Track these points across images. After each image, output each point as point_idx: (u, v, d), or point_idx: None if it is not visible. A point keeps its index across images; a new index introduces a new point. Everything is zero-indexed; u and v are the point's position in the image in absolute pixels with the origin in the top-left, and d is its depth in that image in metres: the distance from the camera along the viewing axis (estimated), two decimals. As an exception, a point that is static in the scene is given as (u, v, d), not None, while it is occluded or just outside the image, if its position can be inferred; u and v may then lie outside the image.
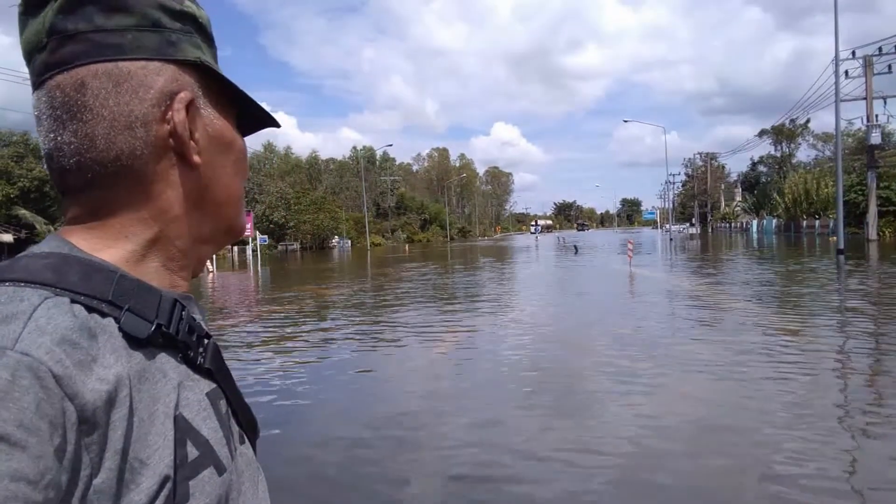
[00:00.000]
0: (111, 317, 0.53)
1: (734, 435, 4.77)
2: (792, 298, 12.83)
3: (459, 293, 16.89)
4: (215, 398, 0.61)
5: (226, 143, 0.65)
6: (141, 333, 0.53)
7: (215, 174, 0.64)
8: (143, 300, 0.56)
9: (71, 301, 0.51)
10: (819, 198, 55.29)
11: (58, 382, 0.45)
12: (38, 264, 0.53)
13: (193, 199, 0.63)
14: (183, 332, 0.58)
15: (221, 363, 0.64)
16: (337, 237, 68.09)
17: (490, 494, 3.95)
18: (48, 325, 0.47)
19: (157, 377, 0.54)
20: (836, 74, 26.88)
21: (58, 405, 0.44)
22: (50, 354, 0.45)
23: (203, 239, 0.66)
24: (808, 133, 76.37)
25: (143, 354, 0.54)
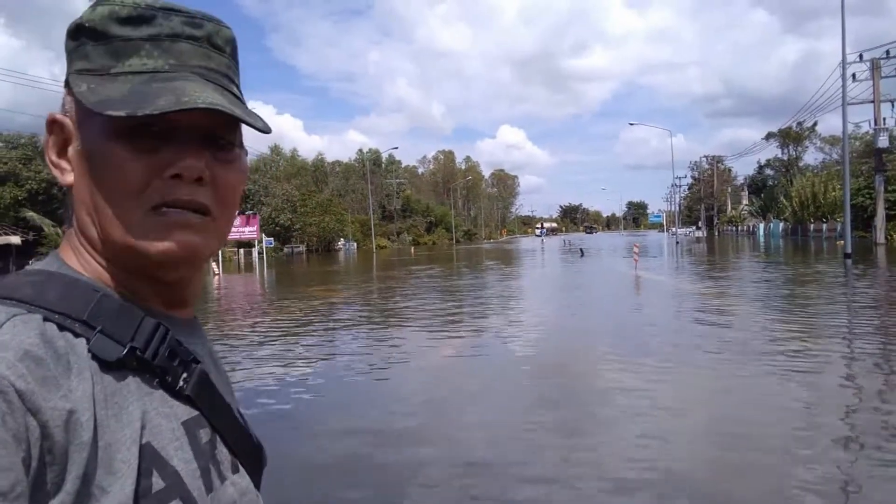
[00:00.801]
0: (84, 337, 0.52)
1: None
2: (800, 303, 12.77)
3: (472, 298, 16.88)
4: (194, 426, 0.59)
5: (98, 158, 0.59)
6: (110, 356, 0.53)
7: (89, 191, 0.59)
8: (120, 322, 0.55)
9: (44, 319, 0.51)
10: (826, 201, 55.01)
11: (20, 397, 0.44)
12: (21, 281, 0.55)
13: (84, 217, 0.61)
14: (161, 357, 0.57)
15: (209, 389, 0.62)
16: (343, 240, 68.15)
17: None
18: (11, 341, 0.47)
19: (127, 402, 0.53)
20: (843, 77, 26.79)
21: (21, 419, 0.44)
22: (12, 369, 0.45)
23: (123, 262, 0.60)
24: (815, 136, 76.04)
25: (114, 377, 0.53)
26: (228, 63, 0.63)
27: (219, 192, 0.61)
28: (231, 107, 0.56)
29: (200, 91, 0.56)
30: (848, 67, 27.73)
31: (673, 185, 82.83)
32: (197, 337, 0.68)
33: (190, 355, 0.61)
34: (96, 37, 0.59)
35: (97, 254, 0.60)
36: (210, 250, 0.62)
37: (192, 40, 0.60)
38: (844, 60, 26.71)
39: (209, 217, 0.60)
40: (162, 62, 0.58)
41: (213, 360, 0.71)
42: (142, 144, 0.57)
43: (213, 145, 0.60)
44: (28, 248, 40.98)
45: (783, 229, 63.78)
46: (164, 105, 0.53)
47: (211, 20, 0.62)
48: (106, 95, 0.55)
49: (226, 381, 0.72)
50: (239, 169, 0.63)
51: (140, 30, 0.58)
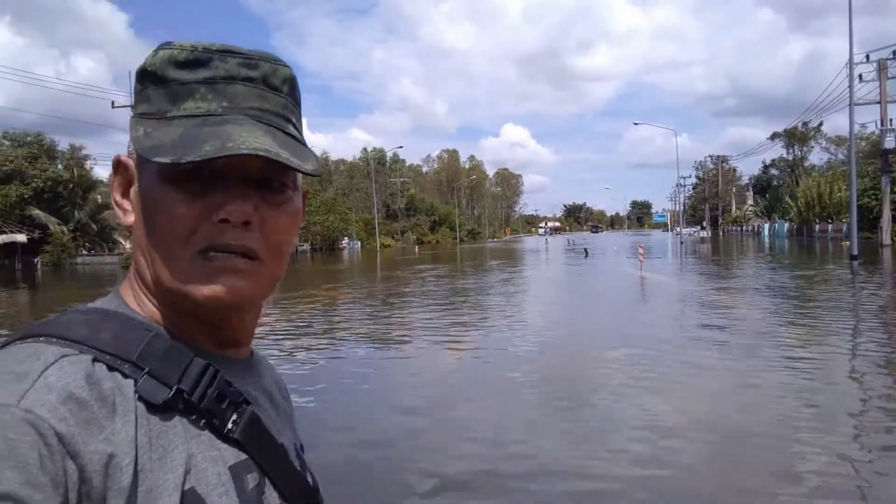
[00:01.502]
0: (132, 378, 0.53)
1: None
2: (807, 306, 12.72)
3: (477, 297, 16.87)
4: (241, 471, 0.58)
5: (152, 202, 0.60)
6: (156, 399, 0.53)
7: (145, 233, 0.61)
8: (168, 363, 0.55)
9: (94, 359, 0.52)
10: (832, 202, 54.83)
11: (60, 440, 0.45)
12: (77, 320, 0.56)
13: (140, 258, 0.62)
14: (209, 399, 0.57)
15: (259, 432, 0.61)
16: (347, 238, 68.21)
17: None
18: (57, 382, 0.48)
19: (173, 445, 0.53)
20: (850, 77, 26.66)
21: (59, 463, 0.44)
22: (53, 412, 0.46)
23: (172, 303, 0.61)
24: (821, 136, 75.81)
25: (160, 419, 0.53)
26: (285, 102, 0.63)
27: (268, 235, 0.60)
28: (278, 150, 0.56)
29: (248, 135, 0.56)
30: (855, 68, 27.61)
31: (677, 185, 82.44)
32: (252, 376, 0.67)
33: (240, 396, 0.61)
34: (156, 81, 0.60)
35: (151, 294, 0.61)
36: (259, 295, 0.62)
37: (247, 81, 0.60)
38: (852, 61, 26.59)
39: (257, 261, 0.59)
40: (215, 105, 0.59)
41: (269, 398, 0.70)
42: (191, 188, 0.57)
43: (264, 187, 0.60)
44: (34, 246, 41.17)
45: (788, 230, 63.59)
46: (208, 151, 0.53)
47: (268, 60, 0.62)
48: (159, 140, 0.56)
49: (286, 417, 0.72)
50: (290, 211, 0.63)
51: (196, 73, 0.59)
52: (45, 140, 44.82)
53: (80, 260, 44.15)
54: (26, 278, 32.54)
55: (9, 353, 0.52)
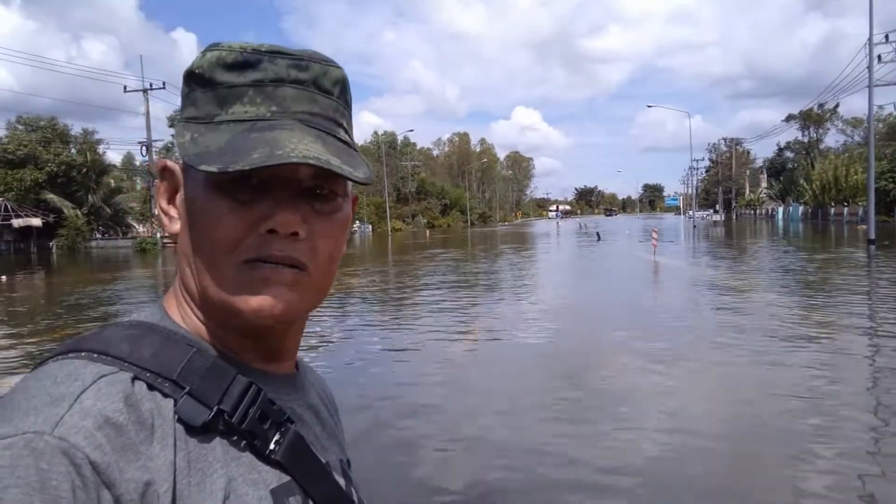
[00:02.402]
0: (172, 398, 0.51)
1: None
2: (823, 291, 12.61)
3: (493, 282, 16.85)
4: (284, 494, 0.56)
5: (198, 210, 0.58)
6: (196, 420, 0.51)
7: (192, 242, 0.59)
8: (209, 382, 0.54)
9: (134, 378, 0.50)
10: (848, 185, 54.18)
11: (95, 469, 0.44)
12: (119, 335, 0.54)
13: (184, 267, 0.61)
14: (251, 420, 0.55)
15: (302, 452, 0.59)
16: (358, 222, 68.29)
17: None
18: (94, 406, 0.46)
19: (212, 468, 0.51)
20: (869, 58, 26.22)
21: (94, 494, 0.43)
22: (89, 440, 0.44)
23: (216, 314, 0.59)
24: (837, 118, 74.73)
25: (199, 441, 0.51)
26: (335, 105, 0.61)
27: (317, 246, 0.58)
28: (329, 157, 0.53)
29: (298, 142, 0.53)
30: (874, 48, 27.10)
31: (690, 168, 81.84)
32: (296, 393, 0.65)
33: (283, 415, 0.59)
34: (204, 83, 0.58)
35: (195, 306, 0.60)
36: (306, 307, 0.60)
37: (296, 84, 0.58)
38: (871, 41, 26.11)
39: (305, 273, 0.57)
40: (264, 109, 0.56)
41: (315, 414, 0.68)
42: (239, 197, 0.55)
43: (313, 195, 0.58)
44: (49, 230, 41.55)
45: (803, 213, 62.98)
46: (256, 160, 0.51)
47: (318, 61, 0.60)
48: (205, 147, 0.54)
49: (333, 432, 0.70)
50: (340, 220, 0.60)
51: (245, 75, 0.57)
52: (58, 124, 45.03)
53: (95, 243, 44.54)
54: (42, 262, 32.86)
55: (48, 371, 0.50)
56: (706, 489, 3.98)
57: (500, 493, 3.99)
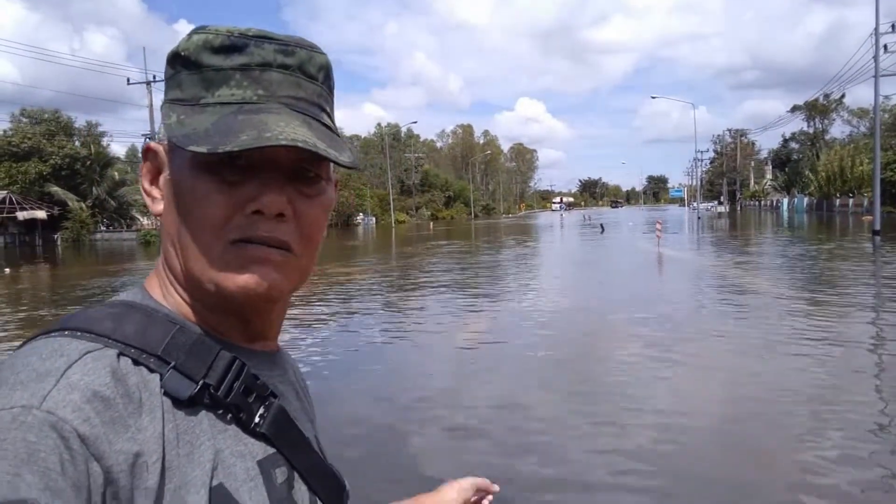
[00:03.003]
0: (157, 373, 0.52)
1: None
2: (829, 281, 12.57)
3: (499, 275, 16.84)
4: (270, 466, 0.57)
5: (185, 191, 0.58)
6: (182, 394, 0.52)
7: (176, 224, 0.59)
8: (194, 357, 0.54)
9: (119, 354, 0.51)
10: (853, 175, 53.90)
11: (83, 442, 0.44)
12: (101, 314, 0.55)
13: (168, 249, 0.61)
14: (236, 393, 0.56)
15: (287, 426, 0.61)
16: (362, 214, 68.31)
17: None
18: (81, 381, 0.46)
19: (200, 441, 0.52)
20: (875, 47, 26.01)
21: (82, 466, 0.43)
22: (77, 413, 0.44)
23: (200, 295, 0.60)
24: (843, 108, 74.23)
25: (186, 414, 0.52)
26: (320, 91, 0.61)
27: (302, 227, 0.59)
28: (315, 140, 0.54)
29: (285, 125, 0.54)
30: (881, 38, 26.88)
31: (695, 160, 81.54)
32: (278, 370, 0.66)
33: (267, 390, 0.60)
34: (189, 66, 0.58)
35: (179, 286, 0.60)
36: (290, 287, 0.60)
37: (283, 69, 0.58)
38: (878, 30, 25.91)
39: (291, 253, 0.58)
40: (251, 92, 0.57)
41: (296, 392, 0.69)
42: (225, 178, 0.56)
43: (299, 178, 0.59)
44: (53, 223, 41.66)
45: (808, 204, 62.75)
46: (245, 141, 0.52)
47: (304, 47, 0.60)
48: (192, 128, 0.54)
49: (309, 412, 0.71)
50: (324, 203, 0.62)
51: (232, 59, 0.57)
52: (62, 117, 45.06)
53: (99, 236, 44.63)
54: (47, 254, 32.98)
55: (33, 348, 0.51)
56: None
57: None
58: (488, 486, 0.97)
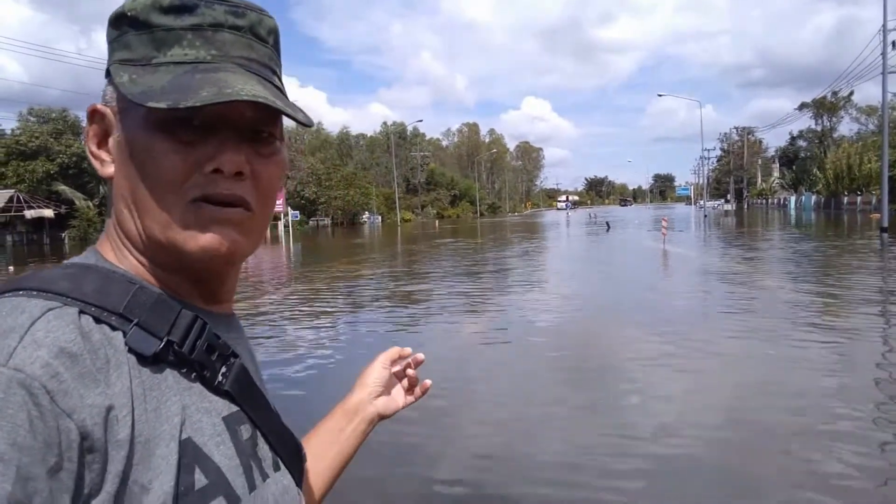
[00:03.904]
0: (120, 330, 0.51)
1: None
2: (836, 277, 12.50)
3: (508, 272, 16.84)
4: (234, 422, 0.57)
5: (139, 149, 0.57)
6: (147, 350, 0.51)
7: (129, 184, 0.58)
8: (156, 315, 0.54)
9: (80, 312, 0.49)
10: (862, 173, 53.56)
11: (52, 399, 0.43)
12: (57, 274, 0.53)
13: (122, 210, 0.60)
14: (199, 351, 0.55)
15: (247, 385, 0.61)
16: (367, 213, 68.41)
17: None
18: (46, 337, 0.45)
19: (165, 396, 0.51)
20: (883, 44, 25.88)
21: (52, 423, 0.42)
22: (45, 369, 0.44)
23: (159, 256, 0.59)
24: (851, 106, 73.79)
25: (151, 371, 0.51)
26: (270, 54, 0.62)
27: (259, 186, 0.59)
28: (274, 99, 0.54)
29: (243, 83, 0.54)
30: (889, 34, 26.70)
31: (701, 158, 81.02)
32: (235, 332, 0.66)
33: (229, 349, 0.60)
34: (138, 26, 0.57)
35: (134, 248, 0.59)
36: (250, 246, 0.61)
37: (234, 30, 0.58)
38: (885, 27, 25.74)
39: (250, 212, 0.59)
40: (204, 52, 0.57)
41: (250, 355, 0.69)
42: (182, 137, 0.55)
43: (255, 139, 0.59)
44: (61, 221, 41.88)
45: (815, 202, 62.41)
46: (206, 97, 0.51)
47: (254, 9, 0.60)
48: (148, 86, 0.54)
49: (261, 378, 0.71)
50: (279, 162, 0.62)
51: (182, 19, 0.57)
52: (69, 116, 45.30)
53: (106, 235, 44.78)
54: (54, 253, 33.14)
55: None
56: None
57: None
58: (401, 353, 0.95)
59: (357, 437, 0.88)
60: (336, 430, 0.87)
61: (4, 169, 41.69)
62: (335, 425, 0.88)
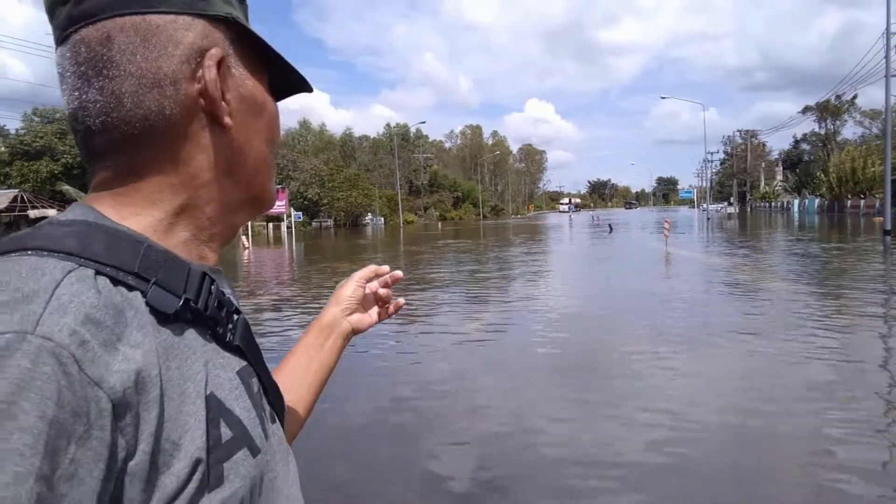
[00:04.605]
0: (137, 290, 0.49)
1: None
2: (838, 280, 12.49)
3: (512, 272, 16.86)
4: (247, 376, 0.58)
5: (258, 105, 0.61)
6: (168, 308, 0.51)
7: (247, 138, 0.60)
8: (170, 273, 0.53)
9: (96, 273, 0.47)
10: (865, 177, 53.48)
11: (81, 368, 0.42)
12: (61, 232, 0.50)
13: (223, 163, 0.59)
14: (212, 308, 0.55)
15: (251, 340, 0.61)
16: (370, 214, 68.46)
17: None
18: (71, 302, 0.44)
19: (187, 354, 0.51)
20: (886, 48, 25.83)
21: (81, 392, 0.42)
22: (73, 336, 0.42)
23: (232, 208, 0.62)
24: (855, 109, 73.66)
25: (171, 330, 0.51)
26: None
27: None
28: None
29: None
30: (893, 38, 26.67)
31: (704, 161, 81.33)
32: (227, 286, 0.64)
33: (233, 305, 0.60)
34: None
35: (151, 206, 0.57)
36: None
37: None
38: (889, 30, 25.72)
39: None
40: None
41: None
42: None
43: None
44: (64, 221, 41.84)
45: (819, 206, 62.27)
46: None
47: None
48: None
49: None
50: None
51: None
52: (73, 116, 45.41)
53: (110, 235, 44.85)
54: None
55: (5, 267, 0.45)
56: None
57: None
58: (377, 271, 0.97)
59: (335, 352, 0.91)
60: (316, 346, 0.90)
61: (9, 169, 41.88)
62: (314, 341, 0.91)
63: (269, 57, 0.63)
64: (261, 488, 0.55)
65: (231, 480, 0.51)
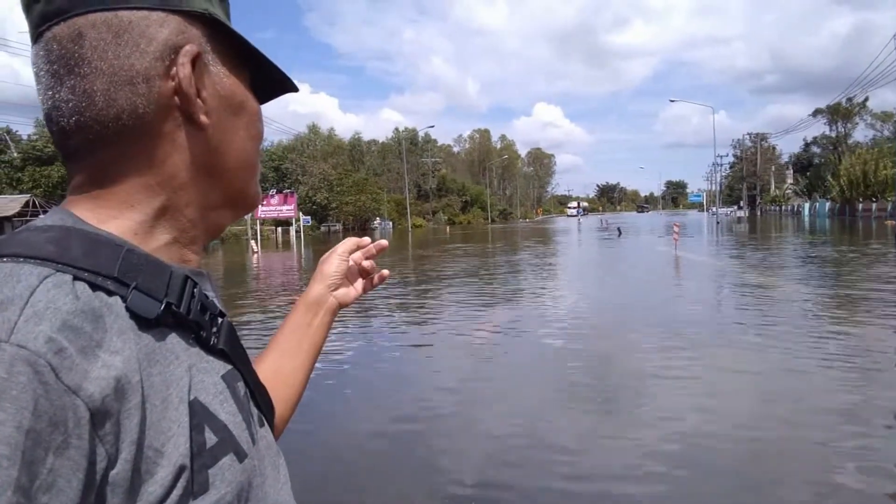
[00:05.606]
0: (117, 295, 0.48)
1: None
2: (850, 284, 12.39)
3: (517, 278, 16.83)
4: (232, 380, 0.57)
5: (237, 103, 0.60)
6: (149, 313, 0.49)
7: (225, 137, 0.59)
8: (151, 277, 0.51)
9: (74, 278, 0.46)
10: (877, 180, 53.06)
11: (57, 376, 0.41)
12: (38, 237, 0.49)
13: (202, 163, 0.58)
14: (195, 312, 0.54)
15: (237, 343, 0.60)
16: (378, 218, 68.55)
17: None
18: (47, 310, 0.43)
19: (169, 360, 0.50)
20: (899, 50, 25.62)
21: (58, 401, 0.41)
22: (49, 344, 0.42)
23: (213, 208, 0.61)
24: (866, 112, 73.12)
25: (153, 336, 0.50)
26: None
27: None
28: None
29: None
30: (904, 39, 26.47)
31: (714, 164, 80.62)
32: (210, 289, 0.63)
33: (217, 308, 0.59)
34: None
35: (129, 209, 0.55)
36: None
37: None
38: (901, 32, 25.50)
39: None
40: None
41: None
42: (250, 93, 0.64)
43: None
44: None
45: (829, 209, 61.83)
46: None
47: None
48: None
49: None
50: None
51: None
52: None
53: (120, 239, 45.14)
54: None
55: None
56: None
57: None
58: (359, 243, 0.96)
59: (324, 328, 0.90)
60: (305, 325, 0.89)
61: (21, 174, 42.23)
62: (303, 320, 0.89)
63: (250, 55, 0.61)
64: (249, 493, 0.54)
65: (217, 487, 0.50)
